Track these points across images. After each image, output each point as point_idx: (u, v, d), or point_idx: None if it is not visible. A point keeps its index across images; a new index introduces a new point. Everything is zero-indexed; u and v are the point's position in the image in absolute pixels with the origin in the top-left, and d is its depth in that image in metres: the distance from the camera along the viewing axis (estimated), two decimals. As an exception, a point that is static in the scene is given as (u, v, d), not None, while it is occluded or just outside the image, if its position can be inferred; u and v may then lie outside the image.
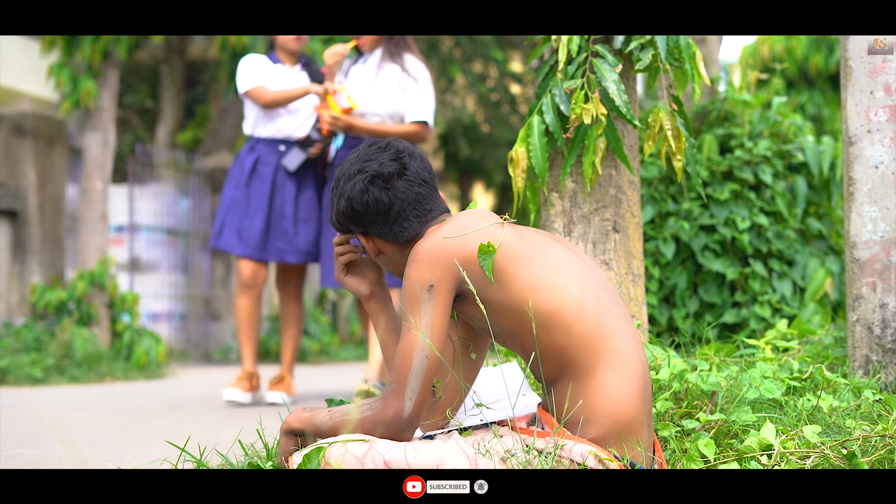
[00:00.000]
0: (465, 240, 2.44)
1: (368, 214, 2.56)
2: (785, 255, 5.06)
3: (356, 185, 2.55)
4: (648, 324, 4.31)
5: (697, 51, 3.46)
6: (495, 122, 18.17)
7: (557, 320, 2.39)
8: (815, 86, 13.89)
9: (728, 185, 5.04)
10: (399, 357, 2.43)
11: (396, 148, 2.59)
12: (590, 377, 2.39)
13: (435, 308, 2.42)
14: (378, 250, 2.62)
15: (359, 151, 2.61)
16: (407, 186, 2.56)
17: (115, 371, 8.62)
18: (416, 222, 2.57)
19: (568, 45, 3.38)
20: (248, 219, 5.84)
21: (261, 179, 5.86)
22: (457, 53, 16.64)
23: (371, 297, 2.70)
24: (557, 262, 2.47)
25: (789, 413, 2.86)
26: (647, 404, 2.45)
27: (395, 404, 2.41)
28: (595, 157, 3.34)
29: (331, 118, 5.51)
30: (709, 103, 5.38)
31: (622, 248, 3.47)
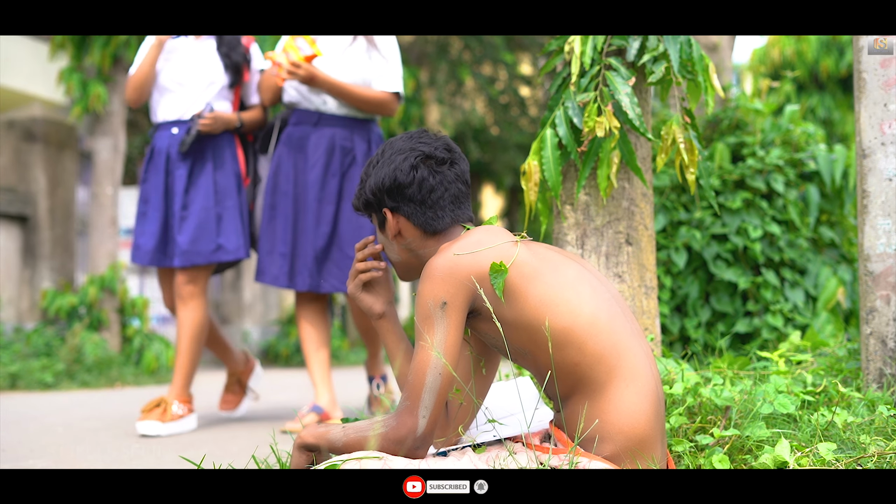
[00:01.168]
0: (478, 257, 2.44)
1: (409, 191, 2.56)
2: (797, 264, 5.05)
3: (407, 158, 2.56)
4: (661, 333, 4.30)
5: (710, 63, 3.45)
6: (505, 124, 18.15)
7: (570, 337, 2.39)
8: (826, 89, 13.87)
9: (740, 193, 5.03)
10: (412, 374, 2.42)
11: (450, 142, 2.63)
12: (603, 394, 2.38)
13: (448, 325, 2.41)
14: (399, 231, 2.62)
15: (411, 132, 2.62)
16: (453, 178, 2.59)
17: (126, 376, 8.64)
18: (449, 216, 2.58)
19: (581, 58, 3.38)
20: (145, 219, 5.06)
21: (156, 170, 5.09)
22: (466, 56, 16.63)
23: (383, 316, 2.70)
24: (570, 279, 2.46)
25: (803, 428, 2.85)
26: (660, 420, 2.44)
27: (408, 422, 2.41)
28: (610, 170, 3.34)
29: (290, 65, 4.79)
30: (720, 111, 5.37)
31: (635, 260, 3.46)
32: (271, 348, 12.39)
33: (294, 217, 5.00)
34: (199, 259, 4.96)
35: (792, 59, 13.38)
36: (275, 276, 5.01)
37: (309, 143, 5.00)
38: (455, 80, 17.00)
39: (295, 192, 5.00)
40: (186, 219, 4.99)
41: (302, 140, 5.02)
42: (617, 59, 3.38)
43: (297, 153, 5.02)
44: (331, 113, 5.01)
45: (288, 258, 4.99)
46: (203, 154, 5.08)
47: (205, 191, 5.03)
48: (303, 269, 4.97)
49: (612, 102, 3.30)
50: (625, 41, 3.40)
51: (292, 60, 4.78)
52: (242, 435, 4.71)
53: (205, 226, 5.00)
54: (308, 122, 5.03)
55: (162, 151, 5.06)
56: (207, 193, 5.03)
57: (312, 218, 4.95)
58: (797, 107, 5.57)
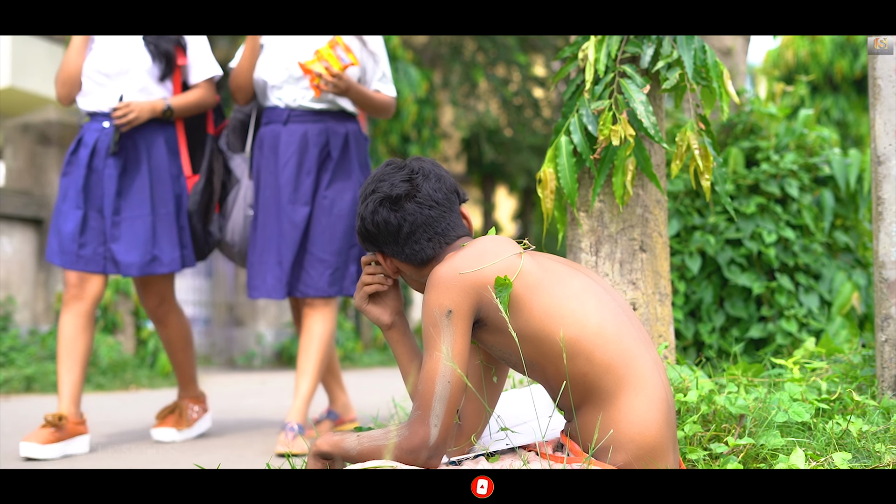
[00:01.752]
0: (482, 264, 2.44)
1: (380, 235, 2.58)
2: (812, 268, 5.04)
3: (368, 205, 2.58)
4: (675, 338, 4.30)
5: (725, 69, 3.45)
6: (518, 126, 18.15)
7: (578, 348, 2.39)
8: (841, 90, 13.84)
9: (754, 198, 5.02)
10: (422, 384, 2.43)
11: (411, 169, 2.60)
12: (613, 403, 2.39)
13: (455, 333, 2.42)
14: (396, 269, 2.64)
15: (378, 170, 2.63)
16: (416, 209, 2.56)
17: (140, 379, 8.66)
18: (427, 245, 2.57)
19: (595, 65, 3.38)
20: (62, 217, 4.59)
21: (78, 165, 4.62)
22: (480, 58, 16.64)
23: (392, 327, 2.70)
24: (575, 289, 2.46)
25: (818, 437, 2.85)
26: (671, 428, 2.45)
27: (420, 431, 2.41)
28: (626, 178, 3.34)
29: (332, 77, 4.55)
30: (734, 116, 5.37)
31: (649, 267, 3.46)
32: (285, 350, 12.41)
33: (263, 223, 4.74)
34: (132, 271, 4.57)
35: (806, 60, 13.36)
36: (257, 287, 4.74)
37: (280, 143, 4.74)
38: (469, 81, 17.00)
39: (265, 196, 4.75)
40: (119, 225, 4.57)
41: (274, 139, 4.76)
42: (631, 67, 3.38)
43: (270, 154, 4.77)
44: (302, 109, 4.75)
45: (265, 268, 4.73)
46: (136, 153, 4.65)
47: (138, 197, 4.61)
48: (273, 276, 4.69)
49: (626, 110, 3.30)
50: (639, 48, 3.40)
51: (333, 72, 4.53)
52: (257, 440, 4.71)
53: (141, 235, 4.59)
54: (278, 121, 4.77)
55: (88, 145, 4.60)
56: (142, 200, 4.61)
57: (287, 221, 4.68)
58: (811, 111, 5.56)
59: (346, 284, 4.71)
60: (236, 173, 4.89)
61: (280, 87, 4.76)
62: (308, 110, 4.75)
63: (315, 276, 4.66)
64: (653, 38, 3.40)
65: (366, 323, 14.09)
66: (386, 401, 5.09)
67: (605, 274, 3.43)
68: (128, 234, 4.57)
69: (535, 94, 17.64)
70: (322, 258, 4.66)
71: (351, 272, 4.73)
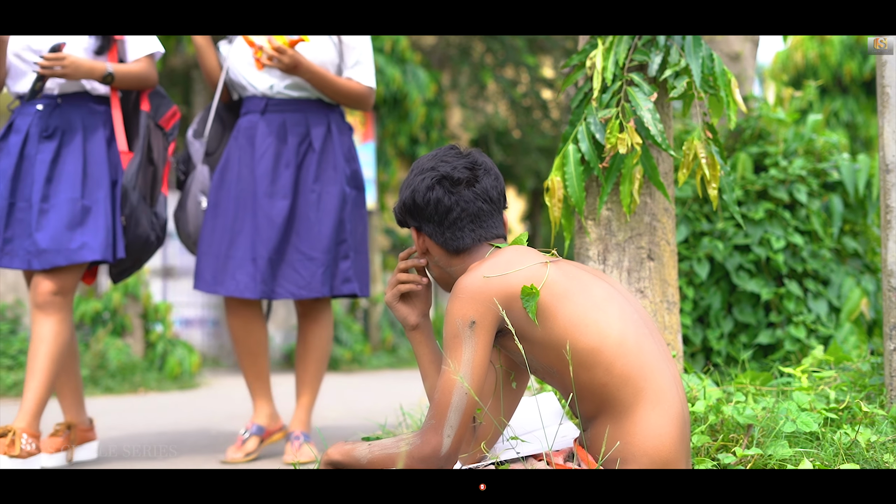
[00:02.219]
0: (508, 277, 2.45)
1: (427, 212, 2.59)
2: (820, 274, 5.04)
3: (424, 180, 2.58)
4: (683, 344, 4.30)
5: (732, 77, 3.45)
6: (527, 127, 18.15)
7: (598, 358, 2.39)
8: (850, 92, 13.81)
9: (763, 204, 5.01)
10: (439, 393, 2.44)
11: (475, 159, 2.62)
12: (629, 415, 2.39)
13: (476, 344, 2.43)
14: (426, 249, 2.66)
15: (439, 150, 2.64)
16: (472, 197, 2.58)
17: (149, 381, 8.67)
18: (469, 236, 2.58)
19: (602, 73, 3.38)
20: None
21: (7, 152, 4.21)
22: (488, 59, 16.65)
23: (417, 328, 2.71)
24: (599, 298, 2.46)
25: (826, 447, 2.85)
26: (685, 443, 2.44)
27: (433, 440, 2.42)
28: (633, 187, 3.34)
29: (274, 49, 4.25)
30: (743, 121, 5.36)
31: (657, 275, 3.46)
32: (293, 352, 12.42)
33: (234, 216, 4.44)
34: (59, 259, 4.06)
35: (815, 62, 13.33)
36: (207, 281, 4.46)
37: (257, 133, 4.46)
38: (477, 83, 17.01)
39: (239, 188, 4.45)
40: (47, 213, 4.09)
41: (250, 130, 4.49)
42: (639, 75, 3.38)
43: (247, 145, 4.49)
44: (280, 97, 4.48)
45: (222, 260, 4.43)
46: (73, 136, 4.20)
47: (72, 179, 4.15)
48: (245, 273, 4.38)
49: (634, 118, 3.30)
50: (646, 56, 3.40)
51: (275, 45, 4.24)
52: (265, 451, 4.70)
53: (69, 220, 4.10)
54: (255, 110, 4.51)
55: (21, 131, 4.20)
56: (74, 183, 4.15)
57: (263, 216, 4.39)
58: (820, 116, 5.55)
59: (336, 283, 4.45)
60: (194, 159, 4.64)
61: (251, 74, 4.50)
62: (286, 98, 4.49)
63: (307, 275, 4.39)
64: (660, 45, 3.40)
65: (374, 325, 14.09)
66: (393, 407, 5.09)
67: (613, 282, 3.43)
68: (54, 219, 4.10)
69: (544, 96, 17.63)
70: (312, 256, 4.40)
71: (342, 269, 4.45)
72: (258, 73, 4.47)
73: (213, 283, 4.46)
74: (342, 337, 12.43)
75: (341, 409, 6.51)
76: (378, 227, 14.72)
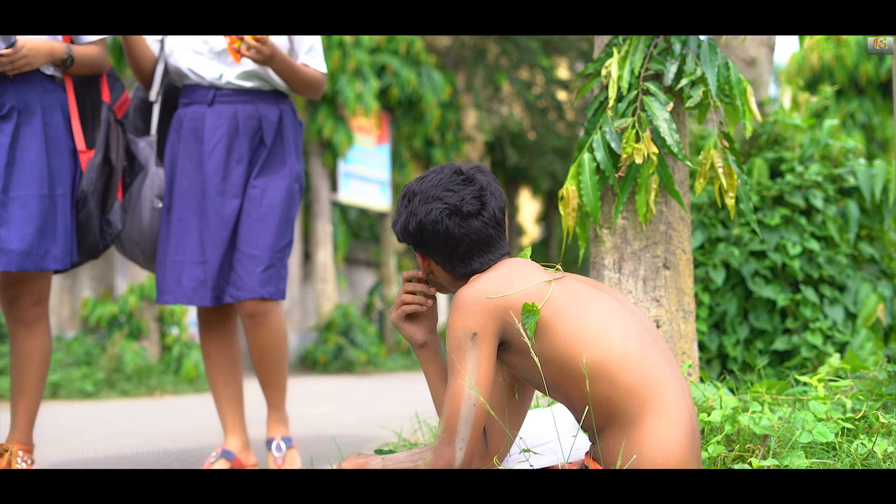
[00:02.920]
0: (508, 289, 2.45)
1: (435, 243, 2.56)
2: (836, 280, 5.02)
3: (432, 211, 2.54)
4: (698, 351, 4.29)
5: (748, 86, 3.44)
6: (542, 129, 18.16)
7: (601, 371, 2.39)
8: (866, 94, 13.78)
9: (778, 210, 5.00)
10: (447, 406, 2.44)
11: (481, 184, 2.57)
12: (636, 427, 2.38)
13: (480, 355, 2.43)
14: (430, 271, 2.64)
15: (441, 175, 2.58)
16: (480, 227, 2.55)
17: (165, 384, 8.70)
18: (477, 262, 2.57)
19: (618, 82, 3.38)
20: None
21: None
22: (503, 61, 16.65)
23: (424, 346, 2.70)
24: (600, 311, 2.46)
25: (842, 458, 2.84)
26: (695, 452, 2.44)
27: (446, 454, 2.42)
28: (649, 196, 3.33)
29: (255, 40, 3.91)
30: (758, 126, 5.35)
31: (673, 284, 3.45)
32: (309, 355, 12.45)
33: (180, 216, 4.09)
34: (28, 264, 3.67)
35: (831, 64, 13.30)
36: (169, 290, 4.08)
37: (205, 126, 4.09)
38: (492, 84, 17.04)
39: (183, 186, 4.10)
40: (9, 206, 3.65)
41: (196, 123, 4.11)
42: (654, 84, 3.37)
43: (192, 139, 4.12)
44: (230, 87, 4.13)
45: (178, 267, 4.06)
46: (32, 119, 3.74)
47: (37, 170, 3.71)
48: (194, 278, 4.04)
49: (650, 128, 3.30)
50: (662, 65, 3.40)
51: (256, 36, 3.92)
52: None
53: (40, 220, 3.68)
54: (201, 101, 4.13)
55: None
56: (41, 175, 3.72)
57: (215, 215, 4.05)
58: (836, 121, 5.53)
59: (283, 287, 4.10)
60: (140, 159, 4.10)
61: (198, 62, 4.13)
62: (237, 89, 4.14)
63: (244, 275, 4.01)
64: (676, 54, 3.40)
65: (389, 327, 14.12)
66: (409, 412, 5.09)
67: (629, 291, 3.43)
68: (18, 216, 3.66)
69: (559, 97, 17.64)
70: (252, 254, 4.01)
71: (286, 273, 4.15)
72: (207, 62, 4.12)
73: (164, 292, 4.10)
74: (357, 339, 12.46)
75: (357, 415, 6.51)
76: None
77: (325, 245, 12.92)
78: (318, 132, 12.73)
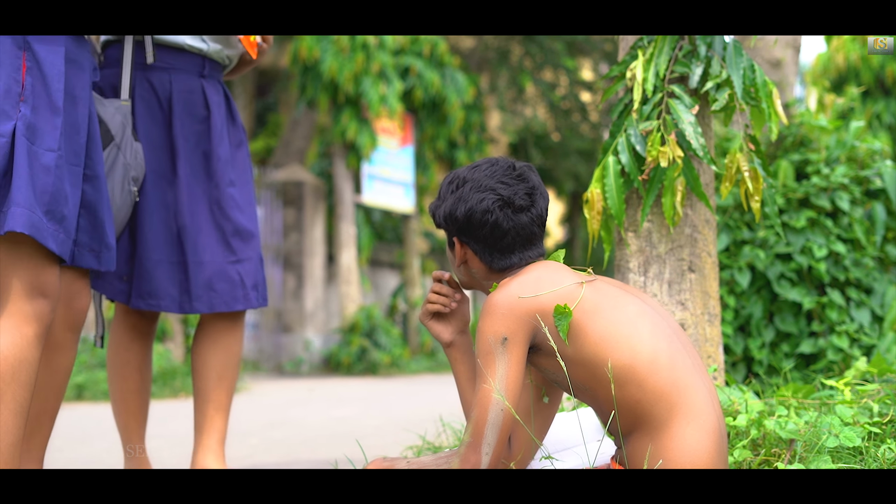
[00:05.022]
0: (539, 292, 2.44)
1: (480, 232, 2.56)
2: (863, 283, 4.99)
3: (484, 200, 2.54)
4: (724, 354, 4.27)
5: (774, 88, 3.43)
6: (566, 130, 18.15)
7: (630, 375, 2.38)
8: (892, 95, 13.69)
9: (804, 212, 4.97)
10: (475, 411, 2.44)
11: (533, 183, 2.59)
12: (664, 431, 2.38)
13: (509, 361, 2.42)
14: (465, 260, 2.63)
15: (494, 167, 2.59)
16: (528, 223, 2.56)
17: (190, 386, 8.71)
18: (516, 257, 2.58)
19: (643, 85, 3.37)
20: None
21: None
22: (527, 62, 16.64)
23: (452, 345, 2.71)
24: (630, 314, 2.46)
25: (869, 462, 2.82)
26: (722, 457, 2.43)
27: (472, 458, 2.42)
28: (676, 199, 3.32)
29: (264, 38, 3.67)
30: (784, 128, 5.32)
31: (698, 287, 3.44)
32: (333, 357, 12.46)
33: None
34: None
35: (857, 64, 13.21)
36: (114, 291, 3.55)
37: (210, 102, 3.65)
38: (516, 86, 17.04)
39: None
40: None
41: (189, 94, 3.61)
42: (679, 87, 3.36)
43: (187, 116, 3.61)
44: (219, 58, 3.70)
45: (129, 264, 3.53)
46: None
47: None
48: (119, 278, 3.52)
49: (675, 131, 3.28)
50: (687, 68, 3.38)
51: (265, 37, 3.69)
52: (303, 459, 4.71)
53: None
54: (192, 71, 3.64)
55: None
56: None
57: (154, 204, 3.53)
58: (862, 123, 5.50)
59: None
60: (110, 126, 3.33)
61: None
62: (220, 64, 3.73)
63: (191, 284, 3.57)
64: (701, 57, 3.38)
65: (413, 329, 14.12)
66: (433, 415, 5.09)
67: (654, 294, 3.42)
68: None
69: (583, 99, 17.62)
70: (198, 260, 3.57)
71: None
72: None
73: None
74: (381, 341, 12.47)
75: (381, 417, 6.51)
76: (416, 230, 14.74)
77: (348, 247, 12.94)
78: (342, 134, 12.74)
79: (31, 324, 2.56)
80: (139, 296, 3.49)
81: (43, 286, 2.58)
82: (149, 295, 3.50)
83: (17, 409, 2.51)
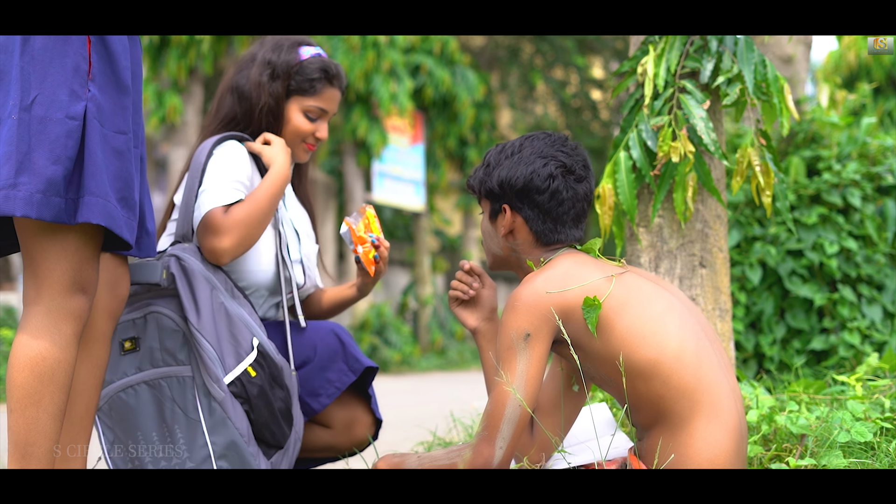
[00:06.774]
0: (566, 290, 2.44)
1: (540, 198, 2.56)
2: (874, 279, 4.98)
3: (547, 165, 2.55)
4: (735, 350, 4.26)
5: (785, 83, 3.42)
6: (577, 128, 18.13)
7: (656, 370, 2.38)
8: (904, 92, 13.66)
9: (816, 208, 4.97)
10: (492, 404, 2.44)
11: (587, 160, 2.64)
12: (685, 428, 2.37)
13: (531, 357, 2.42)
14: (512, 230, 2.61)
15: (552, 137, 2.61)
16: (582, 195, 2.59)
17: None
18: (566, 232, 2.58)
19: (654, 80, 3.36)
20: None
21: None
22: (537, 60, 16.64)
23: (477, 332, 2.73)
24: (658, 310, 2.45)
25: (881, 458, 2.82)
26: (741, 456, 2.43)
27: (485, 452, 2.42)
28: (687, 194, 3.32)
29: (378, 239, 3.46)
30: (796, 124, 5.31)
31: (709, 283, 3.44)
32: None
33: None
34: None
35: (868, 62, 13.19)
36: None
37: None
38: (526, 84, 17.04)
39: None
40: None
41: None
42: (691, 82, 3.35)
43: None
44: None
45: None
46: None
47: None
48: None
49: (686, 126, 3.28)
50: (698, 63, 3.38)
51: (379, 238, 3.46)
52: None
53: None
54: None
55: None
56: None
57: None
58: (874, 119, 5.49)
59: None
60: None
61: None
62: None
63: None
64: (712, 52, 3.38)
65: (423, 327, 14.12)
66: (444, 411, 5.09)
67: (665, 290, 3.41)
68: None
69: (593, 96, 17.61)
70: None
71: None
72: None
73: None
74: (391, 339, 12.48)
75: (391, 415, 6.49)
76: (427, 228, 14.74)
77: (359, 245, 12.90)
78: (353, 132, 12.75)
79: (70, 322, 2.44)
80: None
81: (84, 281, 2.47)
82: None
83: (55, 412, 2.42)
